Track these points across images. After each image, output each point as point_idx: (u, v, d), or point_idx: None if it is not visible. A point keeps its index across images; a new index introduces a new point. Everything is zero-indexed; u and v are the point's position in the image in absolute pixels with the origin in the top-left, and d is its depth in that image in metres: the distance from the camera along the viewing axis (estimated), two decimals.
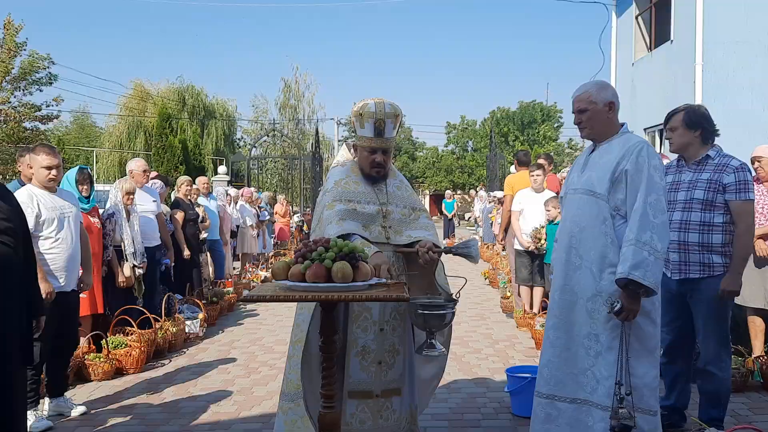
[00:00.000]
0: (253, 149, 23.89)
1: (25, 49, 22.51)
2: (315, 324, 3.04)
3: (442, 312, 2.97)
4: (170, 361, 5.99)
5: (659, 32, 13.60)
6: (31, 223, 4.12)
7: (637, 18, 14.32)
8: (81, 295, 4.79)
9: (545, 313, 6.44)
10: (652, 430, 3.09)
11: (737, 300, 5.05)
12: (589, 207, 3.12)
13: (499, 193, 12.78)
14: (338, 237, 2.91)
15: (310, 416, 3.14)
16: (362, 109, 3.25)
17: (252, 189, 13.69)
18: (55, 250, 4.31)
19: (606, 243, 3.07)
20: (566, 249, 3.18)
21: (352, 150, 3.48)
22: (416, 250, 3.18)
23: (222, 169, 19.55)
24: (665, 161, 5.02)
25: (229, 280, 9.49)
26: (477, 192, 22.55)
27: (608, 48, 15.53)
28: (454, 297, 3.18)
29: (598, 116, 3.19)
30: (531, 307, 7.18)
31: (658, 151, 11.49)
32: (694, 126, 3.74)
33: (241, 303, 8.72)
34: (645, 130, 13.58)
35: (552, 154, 15.10)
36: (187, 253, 7.66)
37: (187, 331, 6.72)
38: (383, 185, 3.38)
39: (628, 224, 3.00)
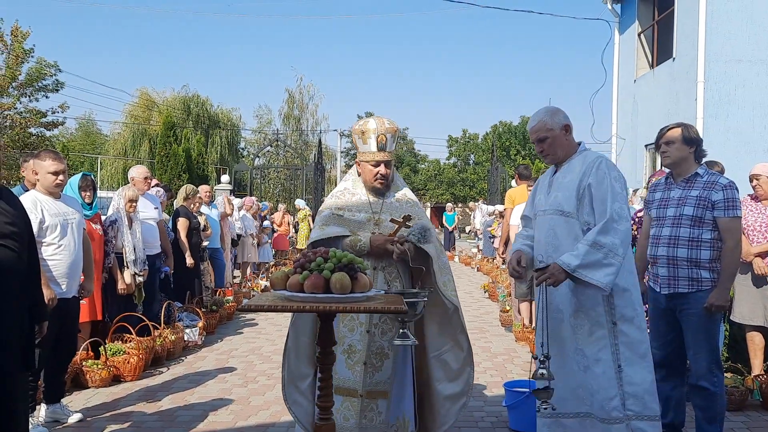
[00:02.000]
0: (257, 159, 23.99)
1: (32, 56, 22.70)
2: (295, 321, 3.46)
3: (412, 300, 2.98)
4: (168, 369, 5.99)
5: (661, 49, 13.67)
6: (34, 229, 4.14)
7: (639, 35, 14.40)
8: (81, 302, 4.80)
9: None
10: None
11: (737, 318, 5.08)
12: (560, 227, 3.24)
13: (500, 207, 12.81)
14: (325, 239, 3.34)
15: (288, 407, 3.48)
16: (364, 126, 3.50)
17: (254, 198, 13.74)
18: (58, 257, 4.33)
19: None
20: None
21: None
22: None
23: (225, 178, 19.62)
24: (659, 178, 5.06)
25: (230, 288, 9.50)
26: (477, 204, 22.56)
27: (610, 64, 15.59)
28: (431, 289, 3.31)
29: (558, 141, 3.32)
30: (530, 322, 7.18)
31: (658, 168, 11.53)
32: (690, 142, 3.81)
33: (241, 312, 8.73)
34: (646, 146, 13.61)
35: None
36: (190, 261, 7.68)
37: (185, 339, 6.72)
38: (381, 196, 3.54)
39: (594, 227, 3.12)
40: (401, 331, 2.95)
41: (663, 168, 7.14)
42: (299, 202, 17.14)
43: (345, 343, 3.39)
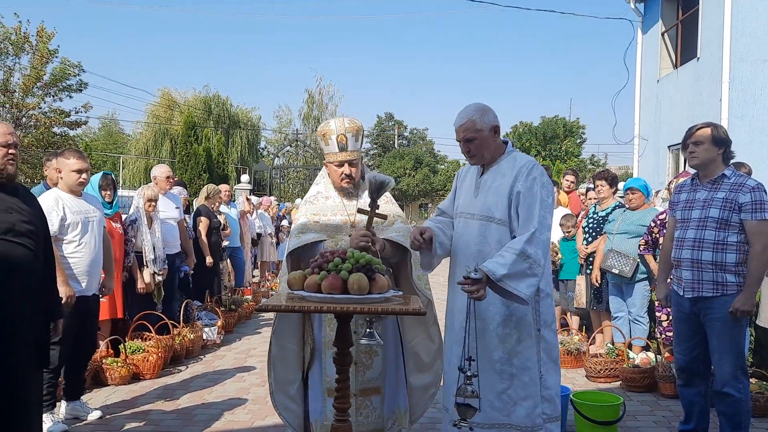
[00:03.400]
0: (276, 159, 24.08)
1: (56, 57, 22.98)
2: (277, 329, 3.47)
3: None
4: (187, 367, 6.02)
5: (685, 49, 13.47)
6: (56, 226, 4.19)
7: (663, 35, 14.21)
8: (101, 300, 4.84)
9: (564, 330, 6.40)
10: None
11: (763, 323, 4.97)
12: (490, 233, 3.08)
13: None
14: (302, 246, 3.36)
15: (279, 413, 3.53)
16: (324, 128, 3.53)
17: (272, 198, 13.79)
18: (79, 254, 4.36)
19: None
20: None
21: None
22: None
23: (245, 177, 19.73)
24: (684, 179, 4.96)
25: (248, 287, 9.53)
26: None
27: (633, 64, 15.40)
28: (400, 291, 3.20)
29: (486, 143, 3.13)
30: None
31: (681, 170, 11.37)
32: (720, 143, 3.71)
33: (258, 312, 8.74)
34: (669, 147, 13.42)
35: (576, 169, 14.96)
36: (210, 260, 7.72)
37: (204, 338, 6.75)
38: (355, 198, 3.55)
39: (519, 236, 2.97)
40: (368, 330, 2.86)
41: (686, 170, 7.03)
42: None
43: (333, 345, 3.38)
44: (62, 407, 4.48)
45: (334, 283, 2.49)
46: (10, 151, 3.09)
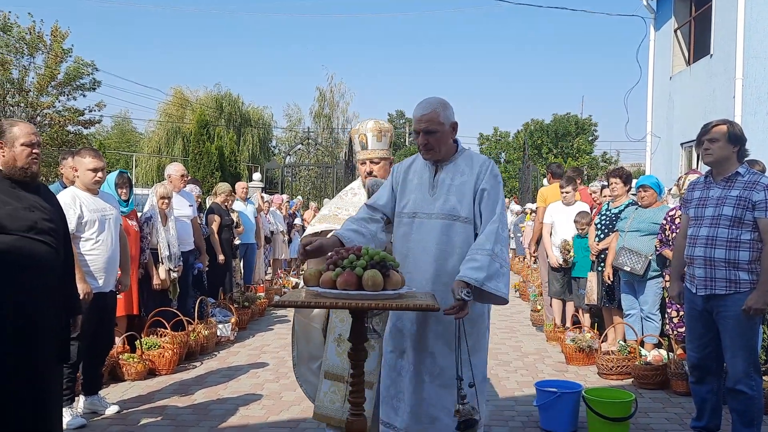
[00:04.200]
0: (288, 157, 24.15)
1: (70, 56, 23.17)
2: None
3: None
4: (201, 363, 6.09)
5: (698, 46, 13.40)
6: (73, 224, 4.25)
7: (675, 31, 14.13)
8: (117, 296, 4.90)
9: (576, 327, 6.41)
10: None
11: None
12: (455, 233, 3.00)
13: (532, 206, 12.72)
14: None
15: (300, 384, 3.84)
16: (355, 129, 3.81)
17: (283, 196, 13.86)
18: (96, 251, 4.43)
19: None
20: (433, 278, 2.99)
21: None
22: None
23: (257, 175, 19.80)
24: (694, 177, 4.95)
25: (261, 285, 9.60)
26: (509, 204, 22.38)
27: (646, 61, 15.34)
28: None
29: (445, 138, 3.05)
30: (562, 321, 7.12)
31: (694, 167, 11.32)
32: (735, 140, 3.71)
33: (272, 308, 8.82)
34: (682, 144, 13.36)
35: (585, 167, 14.93)
36: (222, 257, 7.79)
37: (218, 334, 6.82)
38: None
39: (483, 234, 2.93)
40: (365, 325, 2.83)
41: (696, 168, 6.99)
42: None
43: (335, 332, 3.63)
44: (80, 402, 4.55)
45: (349, 279, 2.52)
46: (34, 150, 3.16)
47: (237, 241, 8.70)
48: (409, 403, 3.02)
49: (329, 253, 2.73)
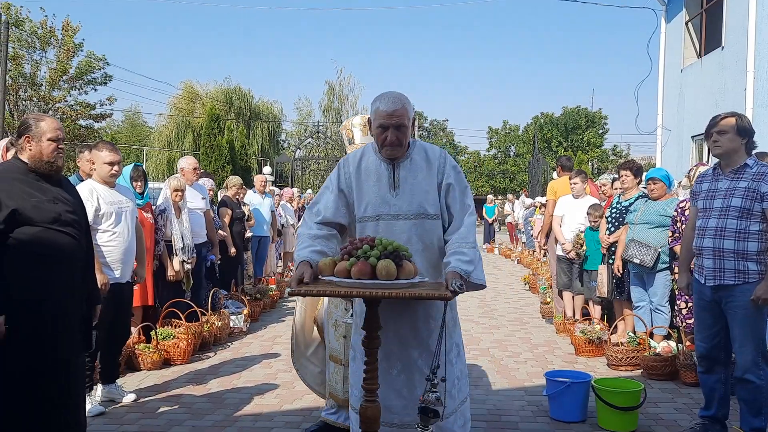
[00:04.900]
0: (297, 151, 24.23)
1: (82, 50, 23.36)
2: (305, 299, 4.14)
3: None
4: (215, 353, 6.18)
5: (710, 38, 13.34)
6: (90, 216, 4.33)
7: (687, 24, 14.07)
8: (134, 287, 4.99)
9: (585, 320, 6.45)
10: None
11: None
12: (426, 231, 2.96)
13: (542, 199, 12.74)
14: None
15: (296, 369, 4.26)
16: (341, 126, 4.16)
17: (293, 189, 13.94)
18: (113, 243, 4.52)
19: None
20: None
21: None
22: None
23: (267, 169, 19.92)
24: (702, 169, 4.98)
25: (272, 277, 9.68)
26: (519, 197, 22.36)
27: (656, 54, 15.29)
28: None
29: (408, 133, 2.97)
30: (573, 314, 7.16)
31: (704, 160, 11.29)
32: (744, 133, 3.74)
33: (284, 300, 8.91)
34: (692, 137, 13.32)
35: (595, 160, 14.89)
36: (233, 250, 7.87)
37: (231, 325, 6.91)
38: None
39: (464, 226, 2.94)
40: (351, 310, 2.87)
41: (704, 161, 6.99)
42: None
43: (333, 317, 3.84)
44: (98, 390, 4.64)
45: (363, 268, 2.56)
46: (60, 146, 3.25)
47: (248, 234, 8.78)
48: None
49: (344, 245, 2.77)
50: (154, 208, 6.17)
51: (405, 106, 2.93)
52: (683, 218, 5.27)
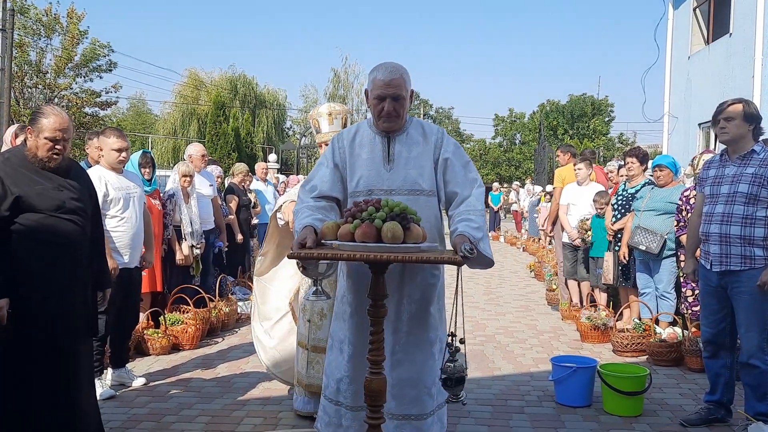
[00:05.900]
0: (303, 138, 24.24)
1: (86, 37, 23.35)
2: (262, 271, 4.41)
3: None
4: (223, 339, 6.23)
5: (717, 25, 13.25)
6: (99, 202, 4.37)
7: (694, 10, 13.97)
8: (142, 273, 5.03)
9: (591, 306, 6.48)
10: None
11: None
12: (421, 207, 2.75)
13: (549, 187, 12.74)
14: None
15: (254, 340, 4.47)
16: (308, 115, 4.37)
17: (299, 177, 13.98)
18: (121, 229, 4.55)
19: (442, 237, 2.96)
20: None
21: None
22: None
23: (272, 157, 19.94)
24: (709, 156, 4.97)
25: None
26: (524, 185, 22.33)
27: (663, 41, 15.19)
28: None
29: (406, 106, 2.87)
30: (580, 301, 7.18)
31: (711, 147, 11.25)
32: (751, 119, 3.75)
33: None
34: (699, 125, 13.28)
35: (601, 147, 14.87)
36: (240, 237, 7.91)
37: (239, 311, 6.96)
38: None
39: (472, 196, 2.84)
40: (315, 288, 2.76)
41: (711, 149, 6.96)
42: None
43: (307, 314, 3.89)
44: (108, 374, 4.70)
45: (367, 231, 2.41)
46: (57, 146, 3.15)
47: (255, 221, 8.82)
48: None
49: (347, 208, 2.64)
50: (162, 193, 6.20)
51: (403, 76, 2.84)
52: (688, 207, 5.27)
